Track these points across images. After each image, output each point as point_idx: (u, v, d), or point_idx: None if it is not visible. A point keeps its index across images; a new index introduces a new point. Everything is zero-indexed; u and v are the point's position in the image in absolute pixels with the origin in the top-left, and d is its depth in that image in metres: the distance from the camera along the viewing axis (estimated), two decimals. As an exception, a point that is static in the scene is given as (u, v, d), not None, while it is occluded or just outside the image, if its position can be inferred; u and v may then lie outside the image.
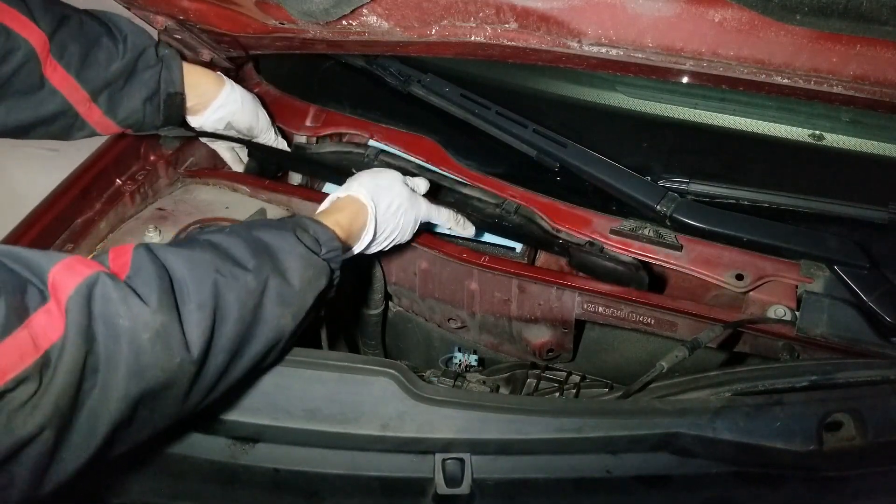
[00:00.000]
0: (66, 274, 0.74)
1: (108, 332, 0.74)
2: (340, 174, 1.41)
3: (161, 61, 1.27)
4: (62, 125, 1.21)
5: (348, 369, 1.04)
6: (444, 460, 1.00)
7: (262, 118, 1.46)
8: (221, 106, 1.37)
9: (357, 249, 1.17)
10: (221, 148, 1.54)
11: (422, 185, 1.31)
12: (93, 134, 1.26)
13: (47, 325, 0.70)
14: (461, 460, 1.00)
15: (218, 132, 1.44)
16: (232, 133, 1.46)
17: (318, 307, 1.01)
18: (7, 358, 0.67)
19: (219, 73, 1.40)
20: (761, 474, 1.03)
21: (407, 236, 1.27)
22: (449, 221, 1.33)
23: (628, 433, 1.01)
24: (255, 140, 1.50)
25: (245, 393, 1.01)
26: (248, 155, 1.56)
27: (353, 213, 1.15)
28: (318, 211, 1.17)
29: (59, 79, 1.16)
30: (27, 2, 1.13)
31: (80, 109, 1.20)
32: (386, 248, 1.25)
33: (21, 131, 1.18)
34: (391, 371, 1.03)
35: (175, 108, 1.30)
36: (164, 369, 0.78)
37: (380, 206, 1.18)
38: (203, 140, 1.51)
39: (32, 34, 1.12)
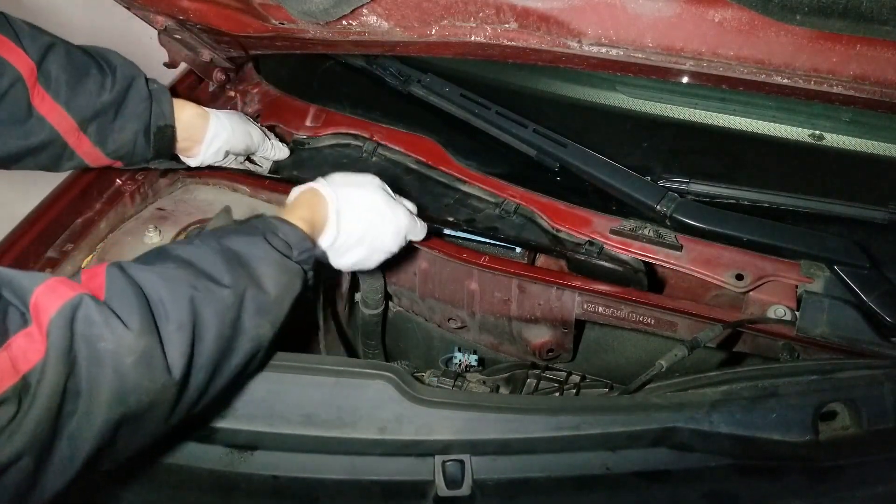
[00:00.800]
0: (48, 296, 0.73)
1: (90, 355, 0.72)
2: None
3: (151, 94, 1.25)
4: (51, 155, 1.19)
5: (344, 373, 1.03)
6: (443, 462, 1.00)
7: (255, 134, 1.43)
8: (214, 138, 1.35)
9: (323, 244, 1.12)
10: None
11: (409, 206, 1.24)
12: (82, 165, 1.25)
13: (27, 348, 0.69)
14: (461, 462, 1.00)
15: (217, 164, 1.42)
16: (230, 159, 1.44)
17: (294, 310, 1.00)
18: None
19: (201, 107, 1.36)
20: (759, 466, 1.03)
21: (390, 246, 1.19)
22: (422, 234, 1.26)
23: (626, 429, 1.01)
24: (254, 155, 1.48)
25: (241, 401, 1.01)
26: None
27: (313, 205, 1.11)
28: (283, 208, 1.14)
29: (48, 108, 1.14)
30: (15, 28, 1.11)
31: (68, 139, 1.18)
32: (368, 263, 1.18)
33: (9, 161, 1.16)
34: (387, 374, 1.03)
35: (166, 141, 1.28)
36: (148, 392, 0.77)
37: (344, 199, 1.13)
38: None
39: (20, 60, 1.10)
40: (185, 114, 1.31)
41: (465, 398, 1.07)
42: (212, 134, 1.34)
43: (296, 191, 1.16)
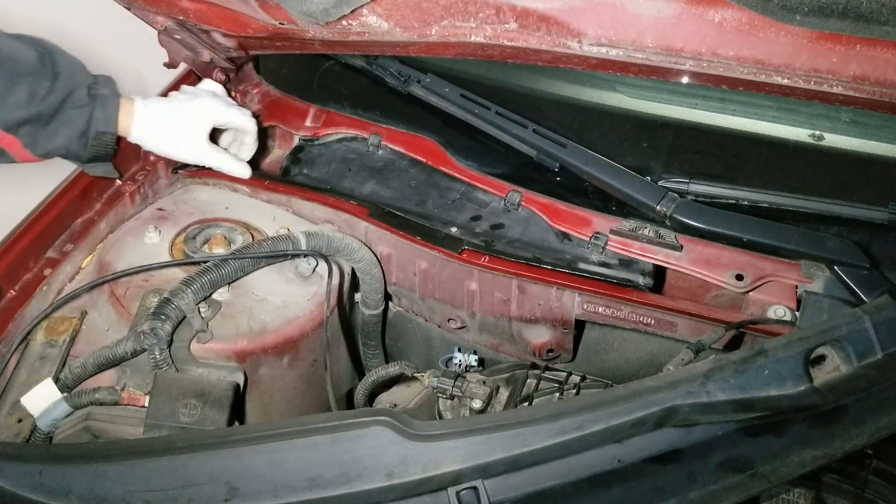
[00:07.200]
0: None
1: None
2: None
3: (94, 100, 1.23)
4: None
5: (338, 428, 1.01)
6: (457, 493, 0.98)
7: (194, 146, 1.37)
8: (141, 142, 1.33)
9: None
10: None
11: None
12: (12, 161, 1.24)
13: None
14: (474, 488, 0.98)
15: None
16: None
17: None
18: None
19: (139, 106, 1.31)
20: (764, 424, 1.03)
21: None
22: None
23: (627, 418, 1.00)
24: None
25: (243, 479, 0.98)
26: None
27: None
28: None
29: None
30: None
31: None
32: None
33: None
34: (382, 418, 1.00)
35: (103, 147, 1.27)
36: None
37: None
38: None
39: None
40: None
41: (464, 424, 1.05)
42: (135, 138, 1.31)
43: None
